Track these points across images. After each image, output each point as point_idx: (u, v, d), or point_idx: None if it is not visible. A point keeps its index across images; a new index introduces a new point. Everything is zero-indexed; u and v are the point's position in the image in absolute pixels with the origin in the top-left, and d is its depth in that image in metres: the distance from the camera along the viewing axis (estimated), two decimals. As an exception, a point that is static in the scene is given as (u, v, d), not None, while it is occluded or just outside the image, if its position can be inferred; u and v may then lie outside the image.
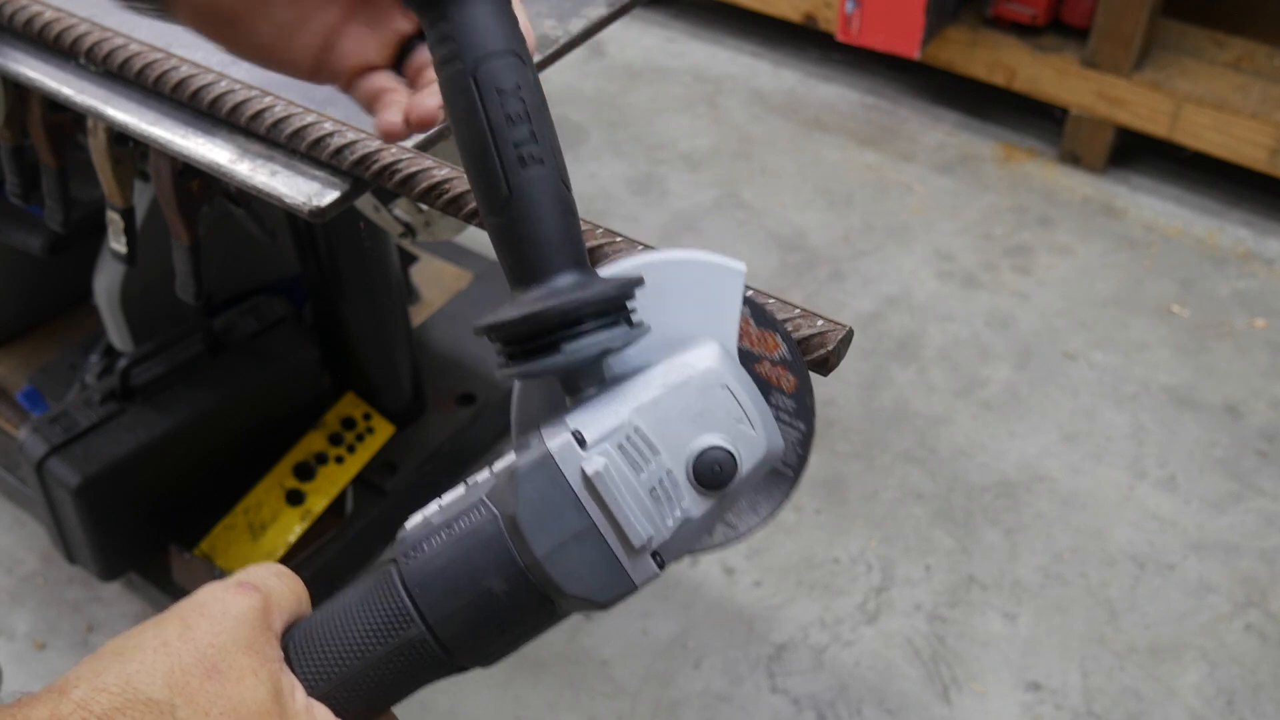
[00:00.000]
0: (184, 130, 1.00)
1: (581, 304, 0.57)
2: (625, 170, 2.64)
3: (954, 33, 2.59)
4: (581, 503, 0.56)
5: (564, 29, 1.14)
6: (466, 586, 0.56)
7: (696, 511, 0.58)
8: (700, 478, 0.58)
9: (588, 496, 0.56)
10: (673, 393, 0.58)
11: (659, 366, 0.59)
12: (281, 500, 1.71)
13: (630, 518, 0.56)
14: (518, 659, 1.89)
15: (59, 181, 1.37)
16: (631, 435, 0.57)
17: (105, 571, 1.67)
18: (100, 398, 1.62)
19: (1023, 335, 2.23)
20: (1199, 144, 2.42)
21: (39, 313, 1.98)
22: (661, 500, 0.57)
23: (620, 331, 0.59)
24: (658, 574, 0.57)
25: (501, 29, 0.58)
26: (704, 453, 0.58)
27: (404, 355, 1.81)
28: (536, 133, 0.58)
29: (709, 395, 0.58)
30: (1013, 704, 1.69)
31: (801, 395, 0.66)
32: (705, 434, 0.58)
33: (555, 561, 0.56)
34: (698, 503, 0.58)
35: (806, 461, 0.66)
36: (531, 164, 0.58)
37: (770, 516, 0.66)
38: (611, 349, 0.58)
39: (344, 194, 0.94)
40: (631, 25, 3.07)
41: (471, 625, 0.57)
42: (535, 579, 0.56)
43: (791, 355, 0.66)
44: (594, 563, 0.56)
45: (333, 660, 0.58)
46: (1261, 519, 1.92)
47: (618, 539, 0.56)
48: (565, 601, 0.57)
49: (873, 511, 1.94)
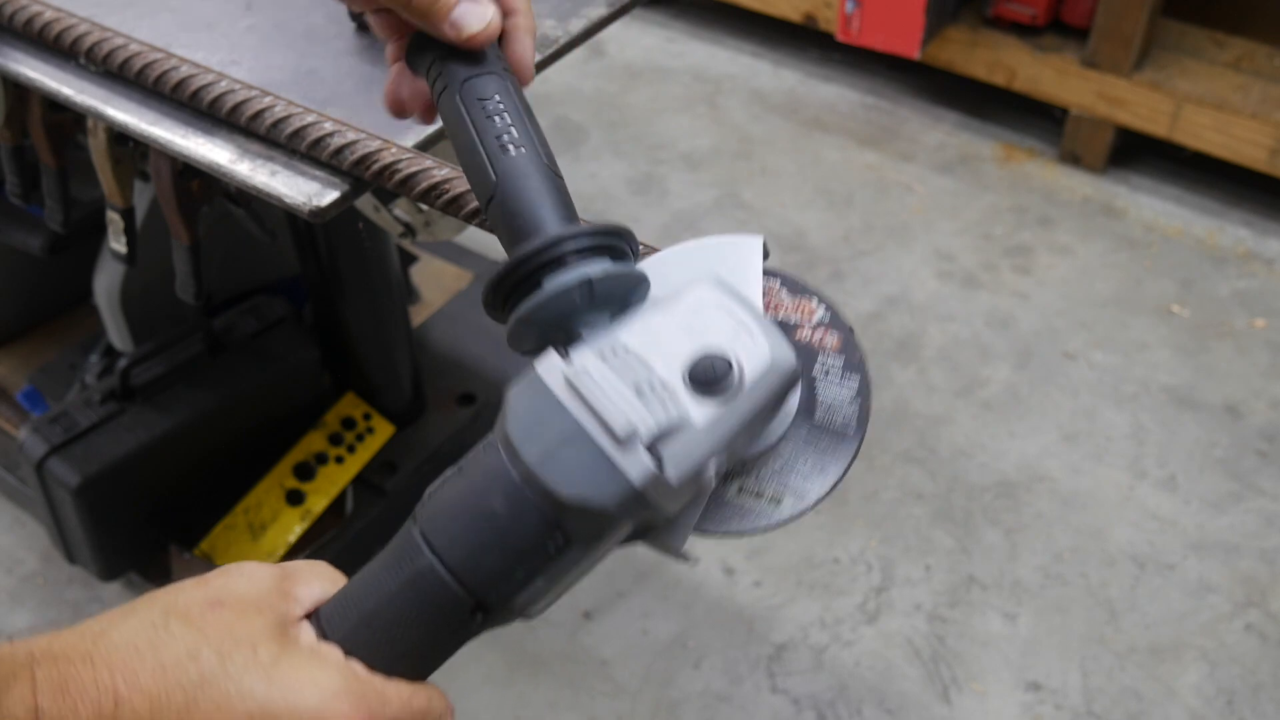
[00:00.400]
0: (184, 130, 1.00)
1: (559, 238, 0.60)
2: (625, 170, 2.64)
3: (954, 33, 2.59)
4: (566, 407, 0.55)
5: (564, 29, 1.14)
6: (469, 510, 0.56)
7: (697, 416, 0.56)
8: (695, 381, 0.56)
9: (570, 398, 0.55)
10: (663, 314, 0.58)
11: (654, 304, 0.60)
12: (281, 500, 1.71)
13: (610, 407, 0.54)
14: (518, 658, 1.89)
15: (59, 181, 1.37)
16: (616, 348, 0.57)
17: (105, 571, 1.67)
18: (100, 398, 1.62)
19: (1023, 335, 2.23)
20: (1199, 144, 2.42)
21: (39, 313, 1.98)
22: (648, 395, 0.55)
23: (603, 263, 0.60)
24: (655, 473, 0.54)
25: (481, 58, 0.68)
26: (698, 359, 0.57)
27: (404, 355, 1.81)
28: (515, 126, 0.65)
29: (702, 314, 0.58)
30: (1013, 704, 1.69)
31: (848, 351, 0.65)
32: (699, 344, 0.57)
33: (547, 467, 0.55)
34: (696, 406, 0.56)
35: (868, 415, 0.64)
36: (513, 149, 0.65)
37: (839, 479, 0.64)
38: (592, 276, 0.59)
39: (344, 194, 0.94)
40: (631, 25, 3.07)
41: (477, 549, 0.56)
42: (532, 491, 0.55)
43: (830, 315, 0.66)
44: (585, 463, 0.55)
45: (350, 603, 0.59)
46: (1261, 519, 1.92)
47: (605, 434, 0.55)
48: (570, 519, 0.55)
49: (873, 511, 1.94)
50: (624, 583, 1.84)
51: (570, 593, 0.61)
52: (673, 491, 0.55)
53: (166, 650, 0.52)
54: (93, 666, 0.51)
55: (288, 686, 0.53)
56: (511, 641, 1.76)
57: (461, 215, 0.85)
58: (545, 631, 1.77)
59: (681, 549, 0.61)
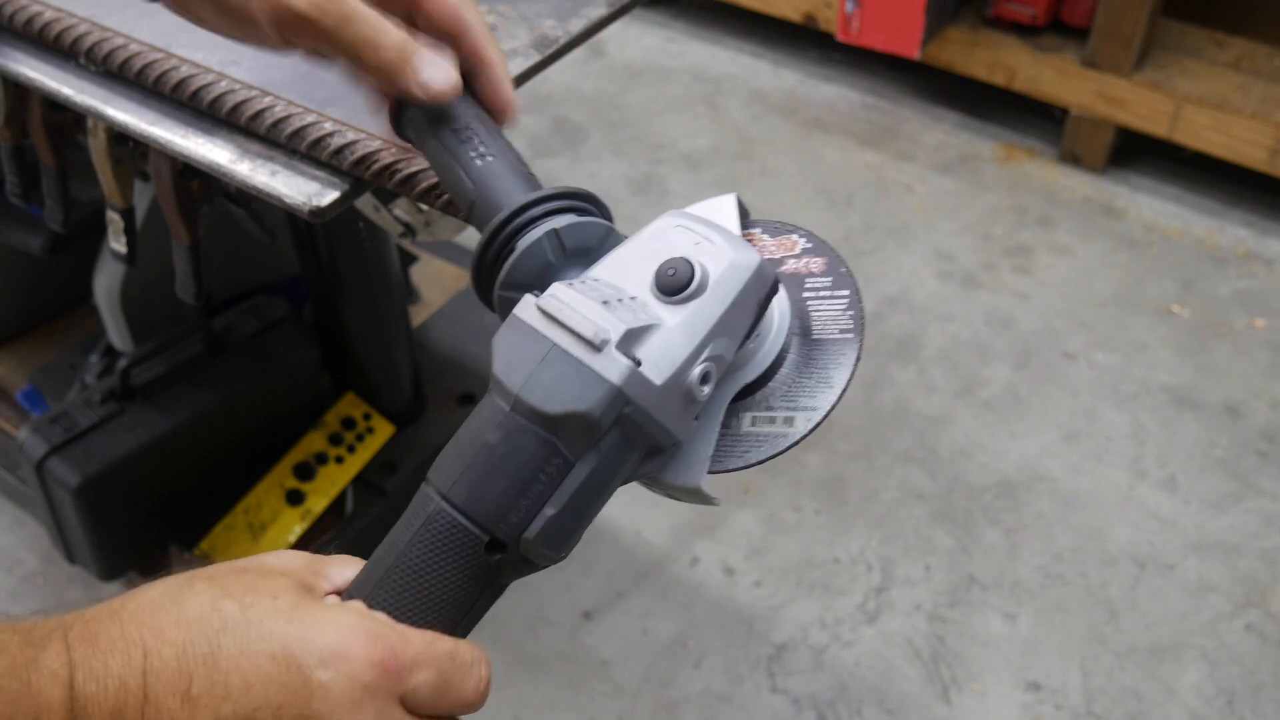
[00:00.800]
0: (184, 130, 1.00)
1: (523, 204, 0.65)
2: (625, 170, 2.64)
3: (954, 33, 2.59)
4: (541, 331, 0.58)
5: (564, 29, 1.14)
6: (469, 449, 0.59)
7: (667, 317, 0.59)
8: (662, 289, 0.59)
9: (544, 323, 0.58)
10: (627, 246, 0.62)
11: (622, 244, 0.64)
12: (281, 500, 1.71)
13: (580, 319, 0.57)
14: (518, 658, 1.89)
15: (59, 181, 1.37)
16: (587, 279, 0.61)
17: (105, 571, 1.67)
18: (100, 398, 1.62)
19: (1023, 335, 2.23)
20: (1199, 144, 2.42)
21: (39, 313, 1.98)
22: (615, 306, 0.58)
23: (569, 217, 0.64)
24: (633, 368, 0.56)
25: (452, 107, 0.73)
26: (661, 268, 0.60)
27: (404, 355, 1.81)
28: (485, 143, 0.71)
29: (664, 236, 0.62)
30: (1013, 704, 1.69)
31: (834, 268, 0.68)
32: (663, 258, 0.60)
33: (531, 388, 0.57)
34: (666, 310, 0.59)
35: (863, 318, 0.66)
36: (485, 159, 0.70)
37: (847, 384, 0.65)
38: (558, 228, 0.64)
39: (344, 194, 0.94)
40: (631, 25, 3.07)
41: (479, 481, 0.58)
42: (523, 415, 0.57)
43: (811, 242, 0.69)
44: (565, 375, 0.57)
45: (371, 567, 0.60)
46: (1261, 519, 1.92)
47: (579, 344, 0.57)
48: (563, 435, 0.57)
49: (873, 511, 1.94)
50: (624, 583, 1.84)
51: (570, 592, 0.61)
52: (658, 392, 0.57)
53: (190, 605, 0.54)
54: (121, 623, 0.53)
55: (307, 625, 0.54)
56: (511, 641, 1.76)
57: (461, 215, 0.85)
58: (545, 631, 1.77)
59: (701, 484, 0.63)
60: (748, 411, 0.65)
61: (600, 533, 1.90)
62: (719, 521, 1.92)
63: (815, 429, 0.64)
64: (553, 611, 1.80)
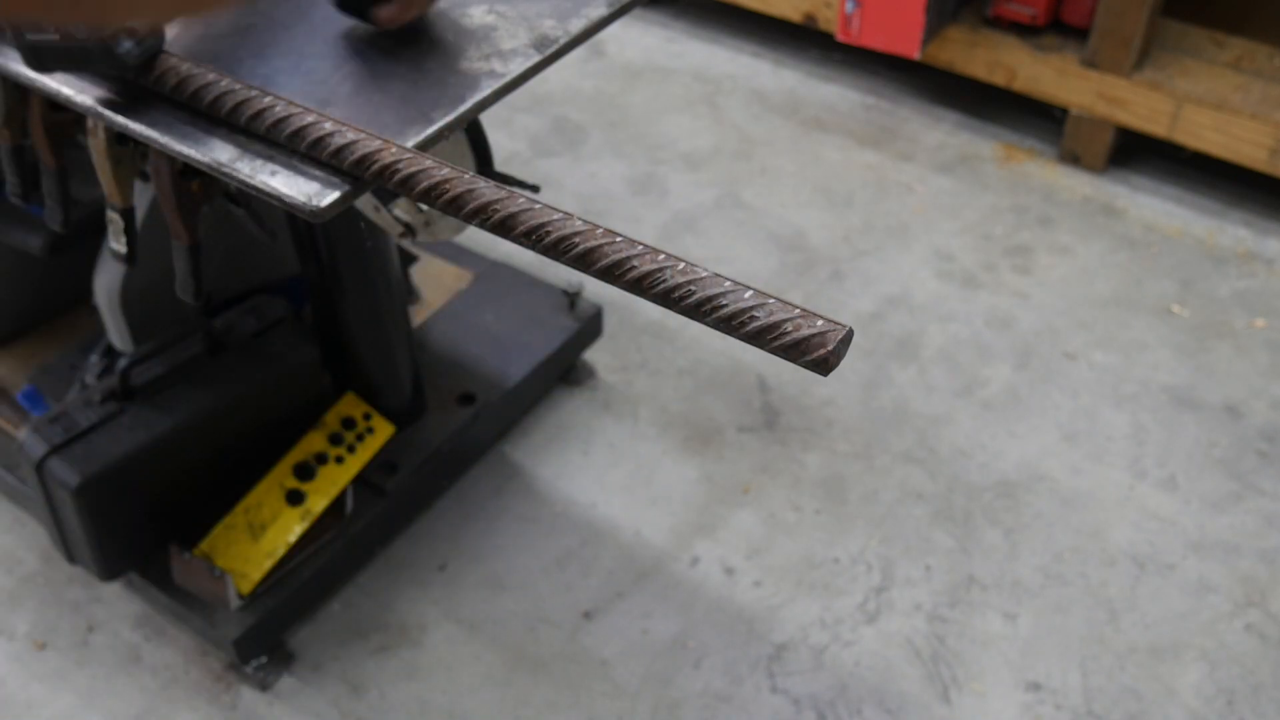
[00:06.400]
0: (184, 130, 1.00)
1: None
2: (625, 170, 2.64)
3: (954, 33, 2.59)
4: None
5: (564, 29, 1.14)
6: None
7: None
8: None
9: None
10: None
11: None
12: (281, 500, 1.71)
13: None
14: (517, 658, 1.88)
15: (59, 181, 1.37)
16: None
17: (105, 571, 1.67)
18: (100, 398, 1.62)
19: (1023, 335, 2.23)
20: (1199, 144, 2.42)
21: (39, 313, 1.98)
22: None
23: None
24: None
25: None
26: None
27: (404, 355, 1.81)
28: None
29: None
30: (1013, 704, 1.69)
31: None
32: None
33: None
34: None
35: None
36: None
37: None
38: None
39: (344, 194, 0.94)
40: (631, 25, 3.07)
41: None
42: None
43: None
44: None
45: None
46: (1261, 519, 1.92)
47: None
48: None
49: (873, 511, 1.94)
50: (624, 583, 1.84)
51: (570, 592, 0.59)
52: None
53: None
54: None
55: None
56: (511, 642, 1.76)
57: (461, 215, 0.85)
58: (545, 631, 1.77)
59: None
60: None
61: (600, 533, 1.90)
62: (719, 521, 1.92)
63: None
64: (553, 611, 1.80)
